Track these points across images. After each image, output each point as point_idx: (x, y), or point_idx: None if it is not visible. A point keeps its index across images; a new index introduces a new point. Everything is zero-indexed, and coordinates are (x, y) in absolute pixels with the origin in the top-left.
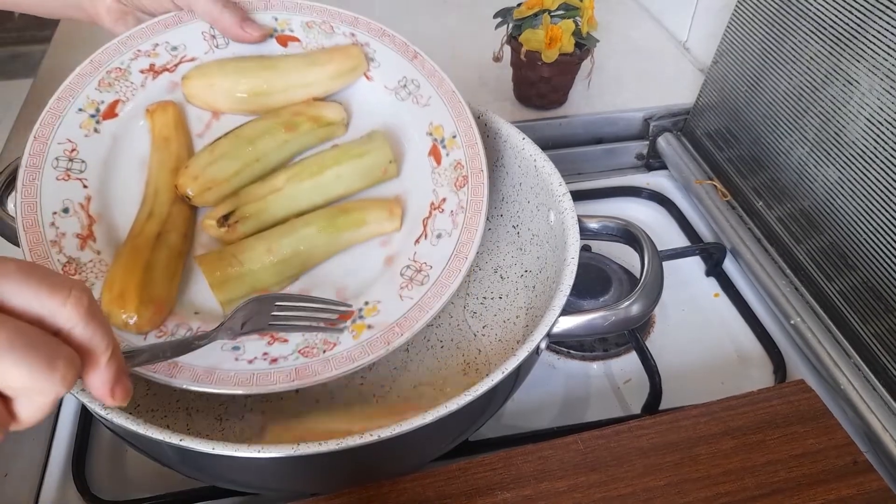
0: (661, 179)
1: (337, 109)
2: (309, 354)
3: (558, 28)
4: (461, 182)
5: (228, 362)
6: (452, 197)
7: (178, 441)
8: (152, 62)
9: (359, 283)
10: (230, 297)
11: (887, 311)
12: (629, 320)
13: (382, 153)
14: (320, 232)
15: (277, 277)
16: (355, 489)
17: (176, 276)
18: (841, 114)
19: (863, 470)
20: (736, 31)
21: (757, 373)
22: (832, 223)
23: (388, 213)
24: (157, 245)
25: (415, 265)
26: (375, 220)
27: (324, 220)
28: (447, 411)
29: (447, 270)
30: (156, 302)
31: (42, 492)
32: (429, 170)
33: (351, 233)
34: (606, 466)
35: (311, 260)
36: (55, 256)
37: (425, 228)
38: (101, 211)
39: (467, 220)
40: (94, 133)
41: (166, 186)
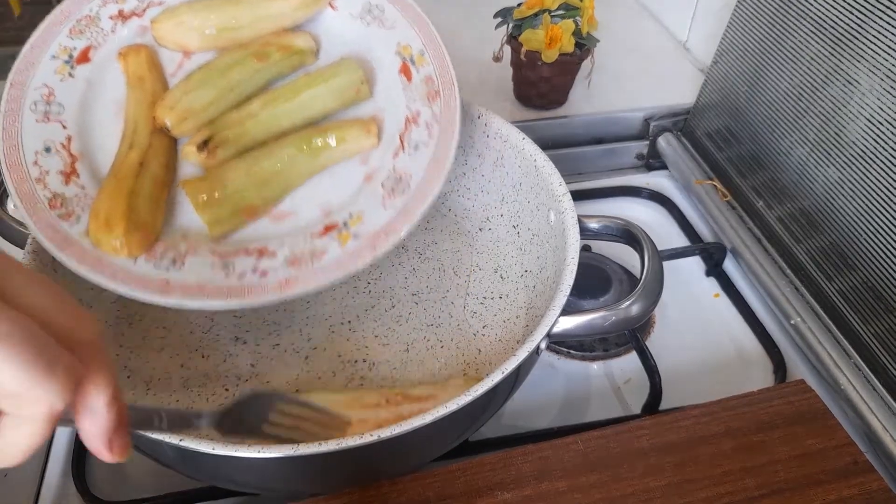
0: (662, 179)
1: (305, 38)
2: (298, 264)
3: (558, 28)
4: (433, 95)
5: (219, 278)
6: (426, 110)
7: (178, 441)
8: (121, 8)
9: (342, 198)
10: (216, 218)
11: (887, 311)
12: (629, 320)
13: (353, 74)
14: (299, 152)
15: (262, 196)
16: (355, 489)
17: (160, 202)
18: (841, 114)
19: (863, 470)
20: (736, 31)
21: (757, 373)
22: (832, 223)
23: (365, 130)
24: (141, 174)
25: (395, 176)
26: (353, 137)
27: (301, 140)
28: (447, 411)
29: (427, 177)
30: (143, 227)
31: (42, 492)
32: (401, 87)
33: (329, 151)
34: (606, 466)
35: (292, 180)
36: (40, 192)
37: (402, 142)
38: (82, 150)
39: (443, 130)
40: (69, 78)
41: (145, 121)
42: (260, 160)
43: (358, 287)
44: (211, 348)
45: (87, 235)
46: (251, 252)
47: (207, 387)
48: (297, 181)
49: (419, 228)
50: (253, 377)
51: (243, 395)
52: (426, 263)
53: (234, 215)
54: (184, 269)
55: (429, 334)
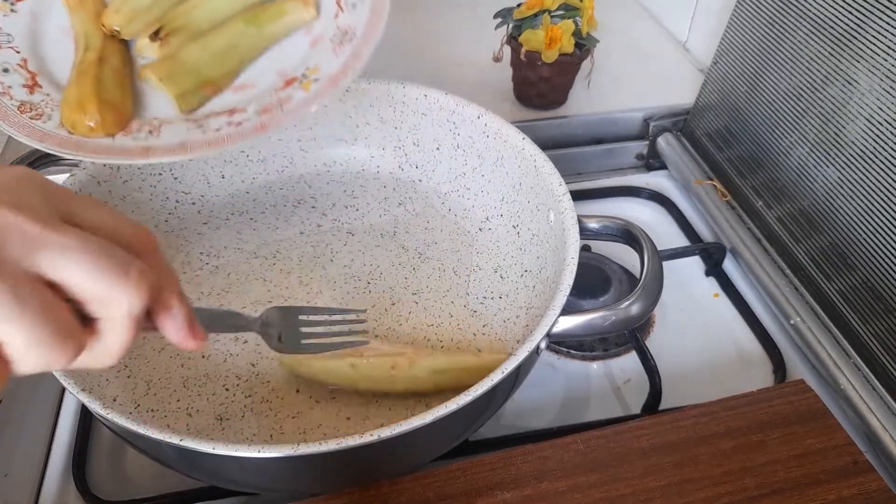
0: (661, 179)
1: None
2: (269, 112)
3: (558, 28)
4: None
5: (197, 135)
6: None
7: (179, 441)
8: None
9: (295, 61)
10: (181, 91)
11: (887, 311)
12: (629, 320)
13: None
14: (247, 25)
15: (220, 69)
16: (355, 489)
17: (126, 87)
18: (841, 114)
19: (862, 470)
20: (736, 32)
21: (757, 373)
22: (832, 223)
23: (303, 2)
24: (102, 66)
25: (339, 31)
26: (293, 9)
27: (247, 15)
28: (447, 411)
29: (369, 24)
30: (114, 106)
31: (42, 492)
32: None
33: (274, 24)
34: (606, 466)
35: (245, 53)
36: (7, 102)
37: (339, 5)
38: (39, 68)
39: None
40: (12, 13)
41: (95, 31)
42: (212, 38)
43: (358, 287)
44: (211, 348)
45: (63, 125)
46: (222, 113)
47: (207, 386)
48: (250, 54)
49: (419, 228)
50: (253, 377)
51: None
52: (426, 263)
53: (198, 89)
54: (161, 136)
55: (429, 334)
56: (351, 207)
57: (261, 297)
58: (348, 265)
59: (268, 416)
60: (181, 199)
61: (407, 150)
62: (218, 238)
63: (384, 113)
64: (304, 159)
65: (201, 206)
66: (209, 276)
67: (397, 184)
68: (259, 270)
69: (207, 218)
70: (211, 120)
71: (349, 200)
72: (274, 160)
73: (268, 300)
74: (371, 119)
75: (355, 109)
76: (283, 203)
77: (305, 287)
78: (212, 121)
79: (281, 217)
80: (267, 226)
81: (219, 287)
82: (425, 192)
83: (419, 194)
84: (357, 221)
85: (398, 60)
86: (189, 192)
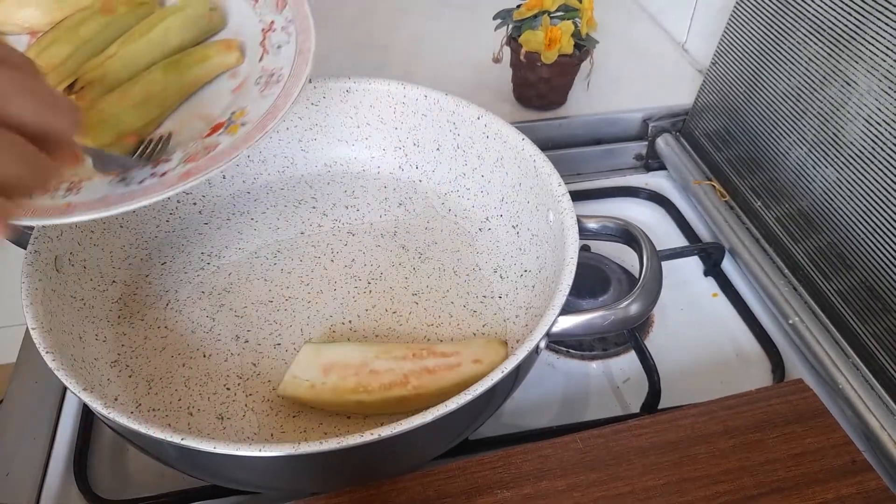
0: (660, 180)
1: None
2: (194, 159)
3: (558, 29)
4: (281, 4)
5: (119, 190)
6: (278, 17)
7: (180, 440)
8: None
9: (221, 106)
10: (101, 143)
11: (885, 311)
12: (628, 320)
13: (201, 2)
14: (166, 73)
15: (141, 119)
16: (355, 489)
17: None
18: (839, 114)
19: (861, 469)
20: (734, 32)
21: (755, 372)
22: (830, 223)
23: (226, 47)
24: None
25: (265, 74)
26: (216, 53)
27: (167, 63)
28: (447, 410)
29: (297, 65)
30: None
31: (43, 491)
32: (250, 7)
33: (197, 69)
34: (605, 465)
35: (167, 101)
36: None
37: (264, 48)
38: None
39: (298, 26)
40: None
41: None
42: (131, 87)
43: (358, 287)
44: (212, 348)
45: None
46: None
47: (208, 386)
48: (172, 102)
49: (419, 228)
50: (254, 376)
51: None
52: (426, 263)
53: (119, 140)
54: (81, 193)
55: (429, 334)
56: (351, 208)
57: (262, 296)
58: (349, 265)
59: (268, 416)
60: (182, 200)
61: (407, 150)
62: (219, 238)
63: (384, 114)
64: (304, 160)
65: (202, 207)
66: (210, 276)
67: (397, 184)
68: (260, 270)
69: (208, 218)
70: (135, 173)
71: (350, 201)
72: (275, 160)
73: (269, 300)
74: (371, 120)
75: (356, 110)
76: (283, 203)
77: (306, 287)
78: (136, 174)
79: (282, 217)
80: (268, 226)
81: (220, 287)
82: (425, 193)
83: (419, 194)
84: (357, 222)
85: (398, 61)
86: (190, 193)
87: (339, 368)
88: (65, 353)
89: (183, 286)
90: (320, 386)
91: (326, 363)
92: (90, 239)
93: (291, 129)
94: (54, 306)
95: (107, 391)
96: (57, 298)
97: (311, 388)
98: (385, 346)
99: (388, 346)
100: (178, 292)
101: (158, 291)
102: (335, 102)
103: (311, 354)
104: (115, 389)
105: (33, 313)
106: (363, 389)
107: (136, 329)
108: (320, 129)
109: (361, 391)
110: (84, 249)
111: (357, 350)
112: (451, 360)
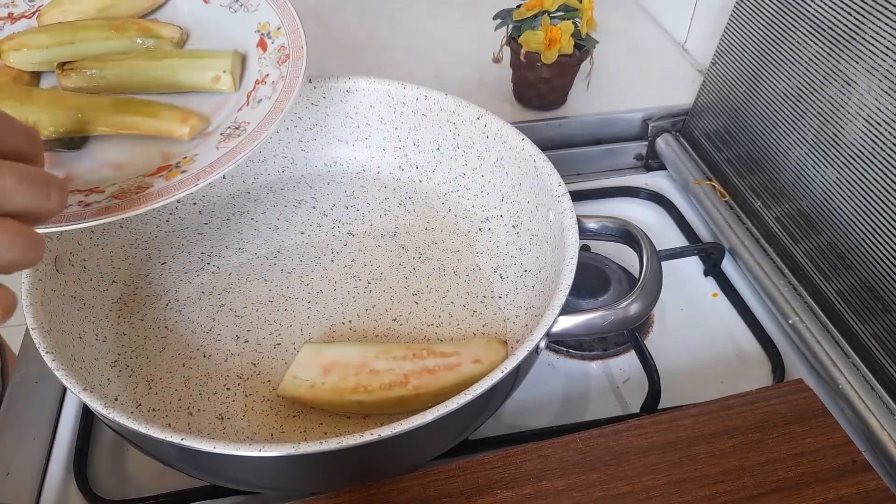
0: (660, 180)
1: (171, 28)
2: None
3: (558, 29)
4: (283, 59)
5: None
6: (275, 71)
7: (180, 440)
8: (10, 11)
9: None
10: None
11: (885, 311)
12: (628, 320)
13: (221, 61)
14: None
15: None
16: (355, 489)
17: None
18: (839, 114)
19: (861, 469)
20: (734, 32)
21: (755, 372)
22: (830, 223)
23: (182, 118)
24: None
25: (234, 125)
26: (168, 118)
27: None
28: (447, 410)
29: (263, 122)
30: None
31: (43, 491)
32: (255, 57)
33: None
34: (605, 465)
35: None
36: None
37: (248, 99)
38: None
39: (286, 85)
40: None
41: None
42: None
43: (358, 287)
44: (212, 348)
45: None
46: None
47: (208, 386)
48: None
49: (419, 228)
50: (254, 376)
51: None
52: (426, 263)
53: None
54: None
55: (429, 334)
56: (351, 208)
57: (262, 297)
58: (349, 265)
59: (269, 416)
60: (182, 200)
61: (407, 150)
62: (219, 238)
63: (384, 113)
64: (304, 160)
65: (202, 207)
66: (210, 277)
67: (397, 184)
68: (260, 270)
69: (208, 218)
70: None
71: (349, 201)
72: (275, 160)
73: (269, 300)
74: (371, 120)
75: (356, 110)
76: (283, 203)
77: (306, 287)
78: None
79: (282, 217)
80: (268, 226)
81: (220, 287)
82: (425, 193)
83: (419, 194)
84: (357, 222)
85: (398, 61)
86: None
87: (340, 368)
88: (65, 353)
89: (183, 286)
90: (320, 386)
91: (326, 363)
92: (90, 239)
93: (291, 129)
94: (54, 306)
95: (107, 391)
96: (57, 298)
97: (311, 388)
98: (385, 346)
99: (387, 346)
100: (178, 292)
101: (158, 291)
102: (335, 102)
103: (311, 354)
104: (115, 389)
105: (33, 313)
106: (363, 389)
107: (136, 329)
108: (320, 129)
109: (361, 391)
110: (84, 249)
111: (357, 350)
112: (451, 360)
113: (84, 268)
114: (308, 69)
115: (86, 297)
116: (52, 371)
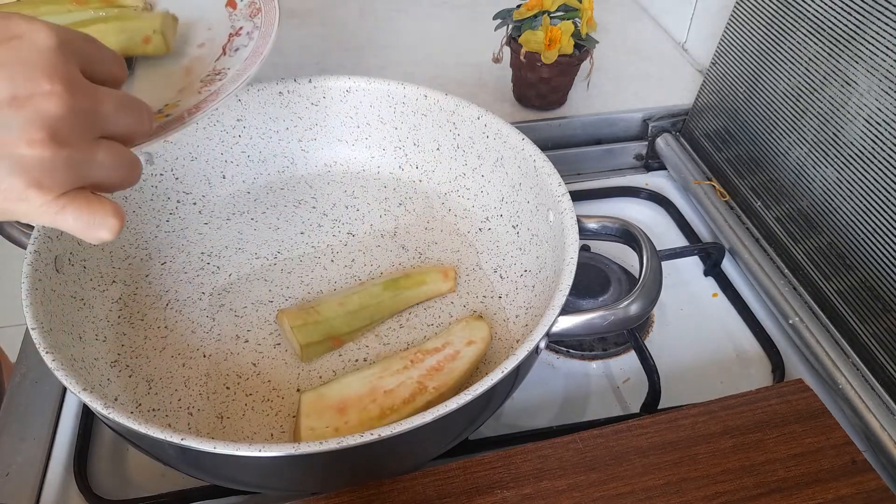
0: (660, 180)
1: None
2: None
3: (558, 29)
4: (255, 12)
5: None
6: (248, 23)
7: (180, 440)
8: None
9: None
10: (309, 341)
11: (885, 311)
12: (628, 320)
13: (150, 22)
14: (385, 289)
15: (349, 326)
16: (355, 489)
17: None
18: (839, 114)
19: (861, 469)
20: (734, 32)
21: (755, 372)
22: (830, 223)
23: (443, 275)
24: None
25: (213, 72)
26: (432, 280)
27: (388, 281)
28: (447, 410)
29: (243, 66)
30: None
31: (43, 491)
32: (226, 16)
33: (412, 292)
34: (605, 465)
35: (376, 313)
36: None
37: (224, 50)
38: None
39: (263, 32)
40: None
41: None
42: (350, 296)
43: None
44: (212, 348)
45: None
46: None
47: (208, 386)
48: (380, 315)
49: (419, 228)
50: (254, 376)
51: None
52: (426, 263)
53: (324, 341)
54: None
55: (429, 333)
56: (351, 208)
57: (262, 297)
58: (349, 265)
59: (268, 415)
60: (182, 200)
61: (407, 150)
62: (219, 238)
63: (384, 113)
64: (304, 160)
65: (202, 207)
66: (210, 277)
67: (397, 184)
68: (260, 271)
69: (208, 218)
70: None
71: (349, 201)
72: (275, 160)
73: (269, 300)
74: (371, 119)
75: (356, 110)
76: (283, 203)
77: (306, 287)
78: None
79: (282, 217)
80: (268, 226)
81: (220, 287)
82: (425, 193)
83: (419, 194)
84: (357, 222)
85: (398, 60)
86: (190, 193)
87: (353, 402)
88: (65, 353)
89: (183, 286)
90: (344, 427)
91: (336, 404)
92: None
93: (291, 128)
94: (54, 306)
95: (107, 391)
96: (57, 298)
97: (336, 432)
98: (379, 366)
99: (380, 364)
100: (178, 292)
101: (158, 291)
102: (335, 102)
103: (314, 401)
104: (115, 389)
105: (33, 313)
106: (390, 411)
107: (136, 329)
108: (320, 129)
109: (389, 413)
110: (84, 249)
111: (356, 380)
112: (447, 351)
113: (84, 268)
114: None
115: (86, 297)
116: (52, 371)
